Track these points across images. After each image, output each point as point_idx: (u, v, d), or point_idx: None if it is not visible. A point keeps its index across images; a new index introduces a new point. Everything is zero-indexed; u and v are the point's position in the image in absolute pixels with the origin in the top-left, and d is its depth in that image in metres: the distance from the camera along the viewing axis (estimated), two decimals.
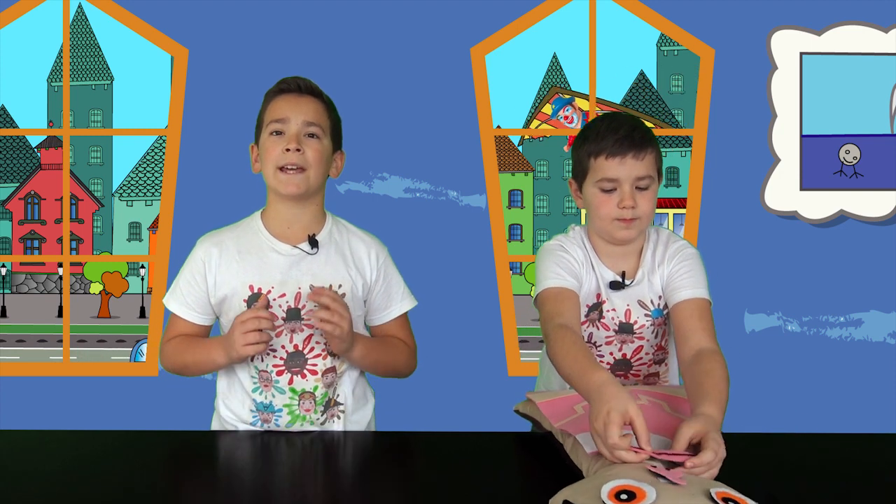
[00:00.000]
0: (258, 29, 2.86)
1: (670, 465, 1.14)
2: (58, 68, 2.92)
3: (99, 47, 2.92)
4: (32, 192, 2.94)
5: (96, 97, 2.93)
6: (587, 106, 2.94)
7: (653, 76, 2.95)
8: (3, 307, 2.93)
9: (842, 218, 2.91)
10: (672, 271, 1.60)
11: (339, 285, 1.62)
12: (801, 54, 2.89)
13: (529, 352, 2.91)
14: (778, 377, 2.89)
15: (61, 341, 2.92)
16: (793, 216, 2.91)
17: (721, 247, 2.83)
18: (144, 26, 2.88)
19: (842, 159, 2.90)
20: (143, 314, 2.93)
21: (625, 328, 1.63)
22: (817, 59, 2.89)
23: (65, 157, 2.93)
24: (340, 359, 1.63)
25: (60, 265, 2.94)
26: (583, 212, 1.67)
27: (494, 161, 2.93)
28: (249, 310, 1.53)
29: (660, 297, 1.62)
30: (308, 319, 1.60)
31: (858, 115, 2.89)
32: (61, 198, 2.94)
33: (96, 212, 2.94)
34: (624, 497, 1.04)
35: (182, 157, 2.90)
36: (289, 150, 1.58)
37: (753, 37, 2.89)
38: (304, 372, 1.61)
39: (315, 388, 1.62)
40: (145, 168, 2.93)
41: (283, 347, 1.60)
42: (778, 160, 2.90)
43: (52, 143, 2.94)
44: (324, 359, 1.62)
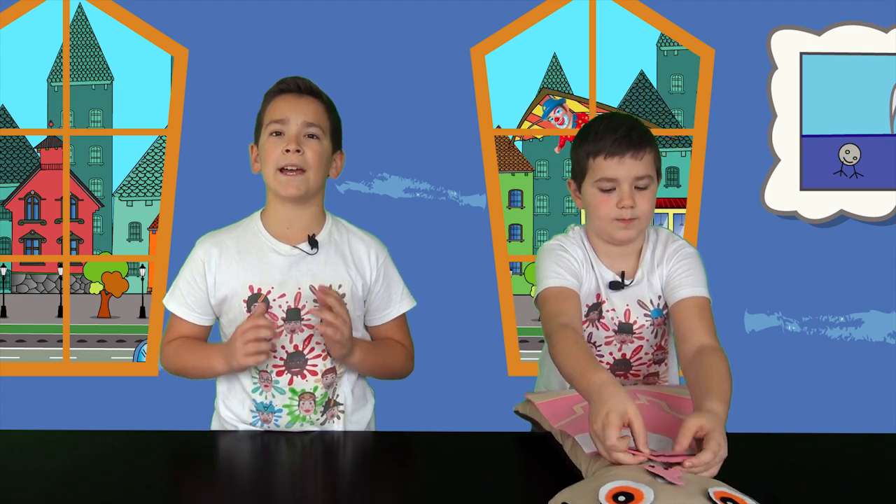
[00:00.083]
0: (258, 29, 2.86)
1: (668, 465, 1.14)
2: (58, 68, 2.92)
3: (99, 47, 2.91)
4: (32, 192, 2.94)
5: (96, 97, 2.93)
6: (578, 107, 2.93)
7: (653, 76, 2.95)
8: (3, 307, 2.93)
9: (842, 218, 2.91)
10: (671, 271, 1.60)
11: (339, 285, 1.62)
12: (801, 54, 2.88)
13: (529, 352, 2.90)
14: (778, 377, 2.89)
15: (61, 341, 2.92)
16: (793, 216, 2.91)
17: (721, 247, 2.83)
18: (144, 26, 2.88)
19: (842, 159, 2.90)
20: (143, 314, 2.93)
21: (624, 328, 1.63)
22: (817, 59, 2.89)
23: (65, 157, 2.93)
24: None
25: (60, 265, 2.94)
26: (582, 212, 1.67)
27: (494, 161, 2.93)
28: (248, 319, 1.53)
29: (659, 297, 1.62)
30: (308, 320, 1.60)
31: (858, 115, 2.89)
32: (61, 198, 2.94)
33: (96, 212, 2.94)
34: (622, 499, 1.04)
35: (182, 157, 2.90)
36: (288, 151, 1.58)
37: (753, 37, 2.89)
38: (304, 372, 1.61)
39: (315, 388, 1.62)
40: (145, 168, 2.93)
41: (283, 348, 1.60)
42: (778, 160, 2.90)
43: (52, 143, 2.94)
44: (324, 359, 1.62)
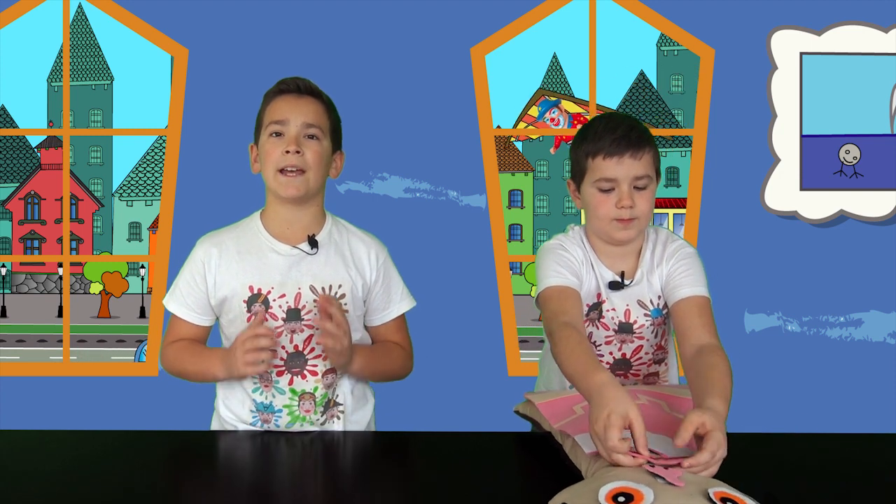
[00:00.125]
0: (258, 29, 2.86)
1: (668, 465, 1.14)
2: (58, 68, 2.92)
3: (99, 47, 2.92)
4: (32, 192, 2.94)
5: (96, 97, 2.93)
6: (574, 108, 2.93)
7: (653, 76, 2.95)
8: (3, 307, 2.93)
9: (842, 218, 2.91)
10: (671, 270, 1.60)
11: (339, 286, 1.62)
12: (801, 54, 2.88)
13: (529, 352, 2.90)
14: (778, 377, 2.89)
15: (61, 341, 2.92)
16: (793, 216, 2.91)
17: (721, 247, 2.83)
18: (144, 26, 2.88)
19: (842, 159, 2.90)
20: (143, 314, 2.93)
21: (624, 328, 1.63)
22: (817, 59, 2.89)
23: (65, 157, 2.93)
24: None
25: (60, 265, 2.94)
26: (582, 212, 1.67)
27: (494, 161, 2.93)
28: (249, 328, 1.53)
29: (659, 297, 1.62)
30: (308, 320, 1.60)
31: (858, 115, 2.89)
32: (61, 198, 2.94)
33: (96, 212, 2.94)
34: (622, 499, 1.04)
35: (182, 157, 2.90)
36: (288, 153, 1.57)
37: (753, 37, 2.89)
38: (304, 373, 1.61)
39: (315, 388, 1.62)
40: (145, 168, 2.93)
41: (282, 348, 1.60)
42: (778, 160, 2.90)
43: (52, 143, 2.94)
44: (324, 360, 1.62)
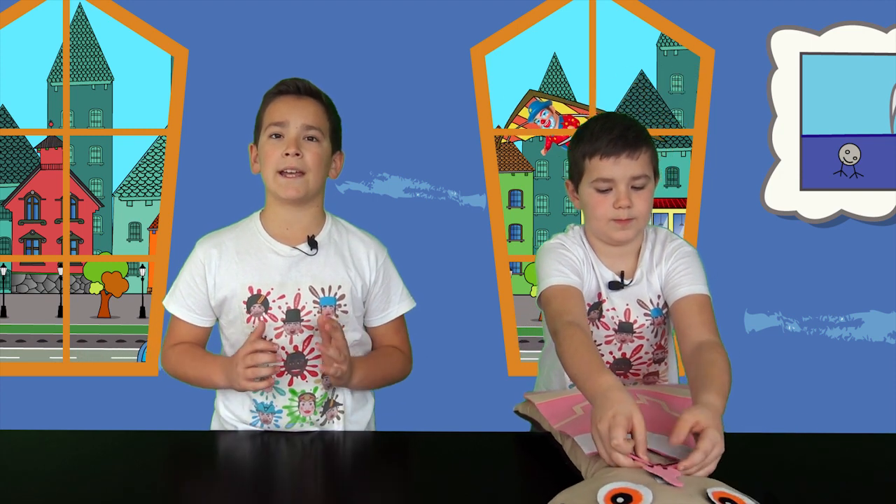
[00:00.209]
0: (258, 29, 2.86)
1: (668, 463, 1.14)
2: (58, 68, 2.92)
3: (99, 47, 2.91)
4: (32, 192, 2.94)
5: (96, 97, 2.93)
6: (564, 109, 2.93)
7: (653, 76, 2.95)
8: (3, 307, 2.93)
9: (842, 218, 2.91)
10: (670, 269, 1.60)
11: (339, 286, 1.62)
12: (801, 54, 2.88)
13: (529, 352, 2.90)
14: (778, 377, 2.89)
15: (61, 341, 2.92)
16: (793, 216, 2.91)
17: (721, 247, 2.83)
18: (144, 26, 2.88)
19: (842, 159, 2.90)
20: (143, 314, 2.93)
21: (624, 327, 1.63)
22: (817, 59, 2.89)
23: (65, 157, 2.93)
24: None
25: (60, 265, 2.94)
26: (582, 212, 1.67)
27: (494, 161, 2.93)
28: (248, 343, 1.52)
29: (659, 297, 1.62)
30: (308, 321, 1.60)
31: (858, 115, 2.89)
32: (61, 198, 2.94)
33: (96, 212, 2.94)
34: (621, 500, 1.04)
35: (182, 157, 2.90)
36: (288, 155, 1.57)
37: (753, 37, 2.89)
38: (304, 373, 1.61)
39: (315, 389, 1.62)
40: (145, 168, 2.93)
41: (282, 349, 1.60)
42: (778, 160, 2.90)
43: (52, 143, 2.94)
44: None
